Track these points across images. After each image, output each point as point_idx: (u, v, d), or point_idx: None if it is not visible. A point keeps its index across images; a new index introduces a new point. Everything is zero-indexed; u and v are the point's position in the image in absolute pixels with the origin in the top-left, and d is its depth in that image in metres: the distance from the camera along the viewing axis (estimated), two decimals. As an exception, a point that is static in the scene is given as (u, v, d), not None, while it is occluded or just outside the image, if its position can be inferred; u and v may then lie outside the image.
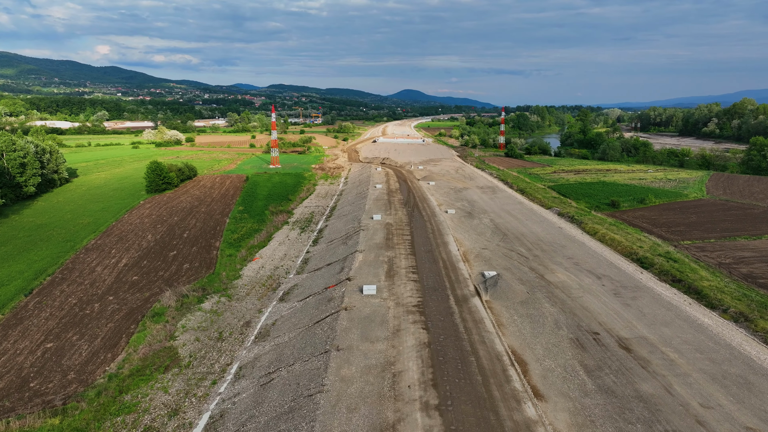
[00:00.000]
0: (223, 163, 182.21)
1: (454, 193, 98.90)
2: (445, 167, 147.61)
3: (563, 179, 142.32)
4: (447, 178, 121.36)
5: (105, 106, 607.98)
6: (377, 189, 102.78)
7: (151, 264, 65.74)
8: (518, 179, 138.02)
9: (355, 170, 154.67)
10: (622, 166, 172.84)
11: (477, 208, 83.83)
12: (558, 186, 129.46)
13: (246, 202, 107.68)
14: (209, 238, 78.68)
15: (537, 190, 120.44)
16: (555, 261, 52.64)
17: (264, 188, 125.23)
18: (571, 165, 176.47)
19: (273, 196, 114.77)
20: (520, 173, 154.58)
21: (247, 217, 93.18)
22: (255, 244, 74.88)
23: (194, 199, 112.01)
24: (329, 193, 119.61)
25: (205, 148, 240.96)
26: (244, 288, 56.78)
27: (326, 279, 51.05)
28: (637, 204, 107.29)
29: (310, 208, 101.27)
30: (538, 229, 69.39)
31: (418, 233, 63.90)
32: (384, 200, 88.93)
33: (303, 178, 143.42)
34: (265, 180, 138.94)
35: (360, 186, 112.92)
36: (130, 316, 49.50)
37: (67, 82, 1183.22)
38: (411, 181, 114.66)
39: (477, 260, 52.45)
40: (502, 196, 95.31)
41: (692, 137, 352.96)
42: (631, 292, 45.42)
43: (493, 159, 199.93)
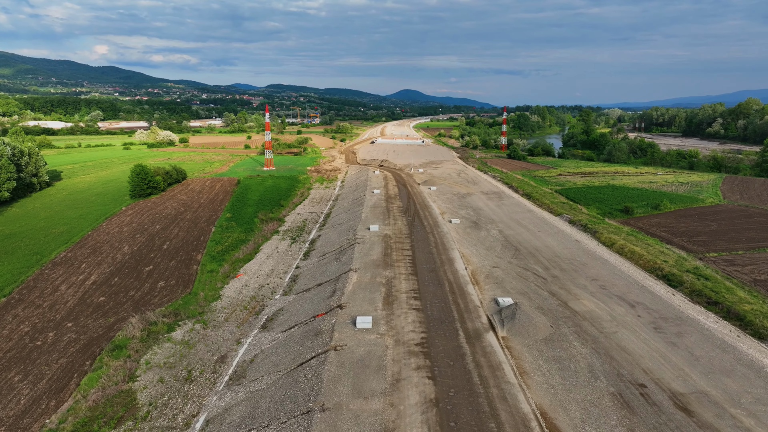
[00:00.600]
0: (216, 165, 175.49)
1: (457, 199, 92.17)
2: (446, 170, 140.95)
3: (570, 182, 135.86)
4: (449, 182, 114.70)
5: (100, 106, 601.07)
6: (375, 195, 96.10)
7: (122, 281, 58.99)
8: (523, 183, 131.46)
9: (352, 173, 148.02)
10: (630, 168, 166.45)
11: (483, 216, 77.04)
12: (565, 190, 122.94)
13: (235, 208, 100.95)
14: (191, 250, 71.94)
15: (544, 194, 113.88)
16: (577, 283, 45.93)
17: (255, 193, 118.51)
18: (576, 167, 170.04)
19: (264, 201, 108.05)
20: (525, 176, 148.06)
21: (235, 225, 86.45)
22: (240, 257, 68.15)
23: (180, 204, 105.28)
24: (324, 198, 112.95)
25: (199, 149, 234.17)
26: (224, 312, 50.08)
27: (315, 304, 44.46)
28: (651, 210, 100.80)
29: (303, 215, 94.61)
30: (553, 242, 62.64)
31: (419, 247, 57.28)
32: (382, 207, 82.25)
33: (297, 182, 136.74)
34: (257, 184, 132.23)
35: (357, 191, 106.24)
36: (88, 348, 42.79)
37: (64, 82, 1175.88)
38: (411, 185, 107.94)
39: (488, 282, 45.85)
40: (510, 203, 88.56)
41: (696, 138, 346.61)
42: (673, 326, 38.49)
43: (495, 161, 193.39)
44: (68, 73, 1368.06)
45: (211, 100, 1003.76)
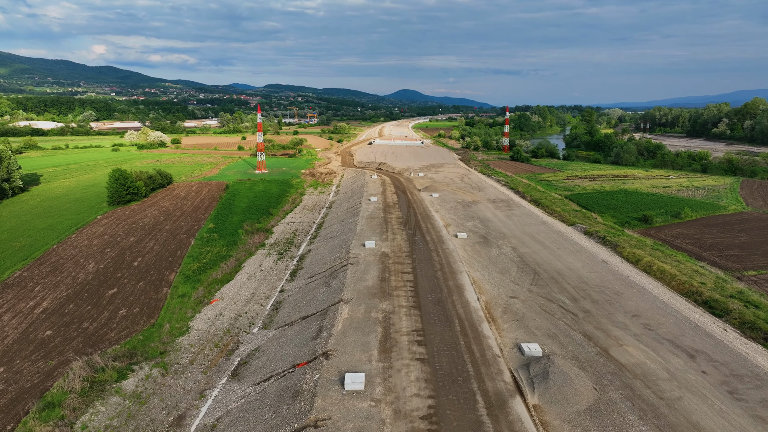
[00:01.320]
0: (205, 168, 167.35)
1: (462, 208, 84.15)
2: (448, 174, 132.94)
3: (579, 187, 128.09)
4: (452, 188, 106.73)
5: (95, 105, 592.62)
6: (372, 203, 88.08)
7: (78, 309, 50.96)
8: (530, 188, 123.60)
9: (348, 177, 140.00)
10: (640, 171, 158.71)
11: (493, 229, 68.96)
12: (576, 196, 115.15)
13: (220, 217, 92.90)
14: (164, 269, 63.88)
15: (554, 201, 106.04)
16: (616, 321, 37.77)
17: (244, 199, 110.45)
18: (583, 170, 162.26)
19: (252, 208, 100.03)
20: (531, 180, 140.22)
21: (217, 237, 78.40)
22: (218, 277, 60.12)
23: (161, 212, 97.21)
24: (317, 204, 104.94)
25: (190, 151, 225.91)
26: (190, 350, 42.10)
27: (297, 347, 36.60)
28: (671, 219, 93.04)
29: (294, 224, 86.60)
30: (576, 263, 54.61)
31: (422, 270, 49.37)
32: (379, 218, 74.29)
33: (290, 186, 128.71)
34: (247, 189, 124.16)
35: (352, 197, 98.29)
36: (15, 403, 34.80)
37: (61, 82, 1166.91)
38: (411, 192, 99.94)
39: (507, 318, 37.94)
40: (520, 213, 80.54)
41: (701, 138, 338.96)
42: (753, 388, 29.55)
43: (498, 163, 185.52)
44: (65, 73, 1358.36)
45: (208, 100, 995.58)
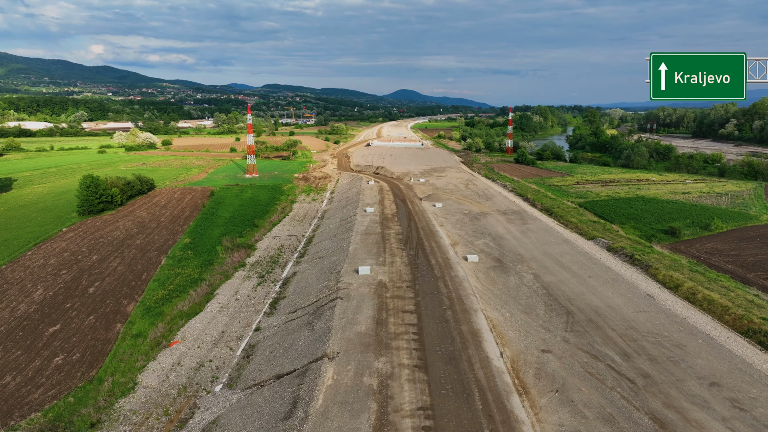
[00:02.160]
0: (193, 172, 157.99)
1: (470, 221, 74.59)
2: (451, 180, 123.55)
3: (592, 193, 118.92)
4: (456, 196, 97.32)
5: (89, 105, 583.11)
6: (368, 214, 78.66)
7: (4, 356, 41.54)
8: (540, 195, 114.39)
9: (343, 182, 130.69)
10: (653, 175, 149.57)
11: (508, 250, 59.12)
12: (590, 204, 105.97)
13: (199, 229, 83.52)
14: (123, 297, 54.51)
15: (568, 210, 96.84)
16: (689, 392, 27.53)
17: (229, 207, 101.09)
18: (593, 174, 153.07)
19: (237, 219, 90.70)
20: (539, 186, 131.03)
21: (192, 255, 69.02)
22: (185, 309, 50.76)
23: (136, 224, 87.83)
24: (308, 214, 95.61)
25: (180, 153, 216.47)
26: (130, 421, 32.75)
27: (264, 420, 27.37)
28: (701, 231, 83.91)
29: (280, 239, 77.27)
30: (615, 296, 44.36)
31: (428, 308, 39.92)
32: (376, 235, 64.90)
33: (280, 193, 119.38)
34: (233, 195, 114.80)
35: (347, 207, 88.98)
36: None
37: (57, 82, 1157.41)
38: (411, 201, 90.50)
39: (542, 387, 28.30)
40: (536, 228, 71.03)
41: (708, 139, 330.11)
42: None
43: (503, 166, 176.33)
44: (62, 73, 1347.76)
45: (205, 100, 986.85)
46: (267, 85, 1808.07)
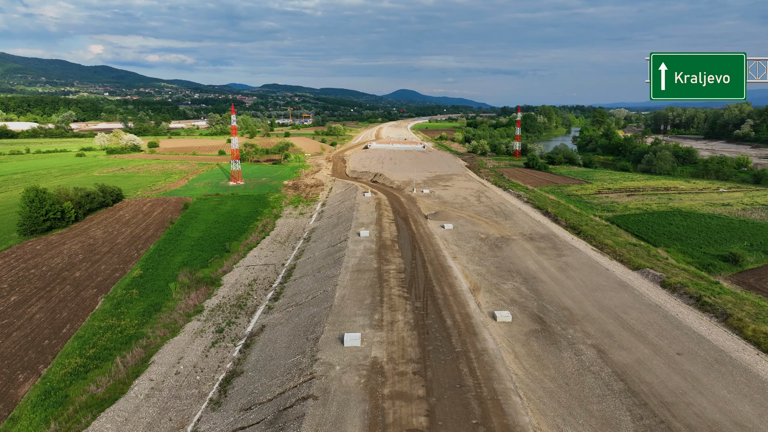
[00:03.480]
0: (173, 179, 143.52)
1: (490, 251, 59.66)
2: (459, 190, 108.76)
3: (618, 205, 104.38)
4: (468, 212, 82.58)
5: (81, 105, 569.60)
6: (362, 240, 63.94)
7: None
8: (562, 208, 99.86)
9: (337, 192, 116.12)
10: (680, 182, 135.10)
11: (549, 299, 43.47)
12: (620, 219, 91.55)
13: (157, 256, 68.96)
14: (21, 368, 39.95)
15: (598, 228, 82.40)
16: None
17: (201, 225, 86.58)
18: (614, 181, 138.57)
19: (206, 241, 76.22)
20: (558, 196, 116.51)
21: (137, 296, 54.47)
22: (99, 393, 36.18)
23: (85, 247, 73.32)
24: (293, 233, 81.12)
25: (164, 156, 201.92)
26: None
27: None
28: (765, 257, 69.43)
29: (254, 270, 62.75)
30: (740, 400, 26.81)
31: (447, 418, 25.54)
32: (370, 273, 50.35)
33: (264, 205, 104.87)
34: (210, 208, 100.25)
35: (337, 227, 74.40)
36: None
37: (54, 82, 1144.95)
38: (415, 220, 75.75)
39: None
40: (577, 263, 55.61)
41: (721, 140, 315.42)
42: None
43: (512, 171, 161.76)
44: (59, 73, 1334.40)
45: (203, 100, 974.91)
46: (266, 85, 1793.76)
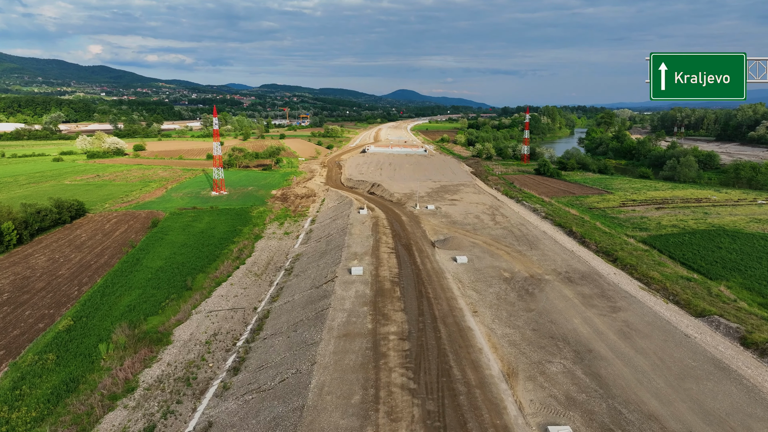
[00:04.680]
0: (151, 187, 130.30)
1: (520, 301, 45.61)
2: (470, 206, 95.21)
3: (650, 222, 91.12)
4: (484, 237, 68.87)
5: (73, 106, 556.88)
6: (353, 281, 50.47)
7: None
8: (587, 226, 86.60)
9: (329, 206, 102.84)
10: (710, 192, 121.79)
11: (624, 401, 26.55)
12: (658, 240, 78.37)
13: (101, 296, 55.65)
14: None
15: (637, 255, 69.17)
16: None
17: (166, 249, 73.33)
18: (636, 190, 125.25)
19: (167, 272, 62.98)
20: (578, 209, 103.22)
21: (52, 364, 41.21)
22: None
23: (17, 281, 60.12)
24: (273, 261, 67.90)
25: (147, 161, 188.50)
26: None
27: None
28: None
29: (217, 318, 49.51)
30: None
31: None
32: (363, 338, 37.08)
33: (246, 221, 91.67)
34: (182, 226, 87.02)
35: (325, 258, 61.09)
36: None
37: (51, 82, 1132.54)
38: (420, 248, 62.20)
39: None
40: (640, 321, 40.66)
41: (735, 143, 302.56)
42: None
43: (522, 179, 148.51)
44: (56, 73, 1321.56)
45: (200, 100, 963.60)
46: (265, 85, 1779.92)
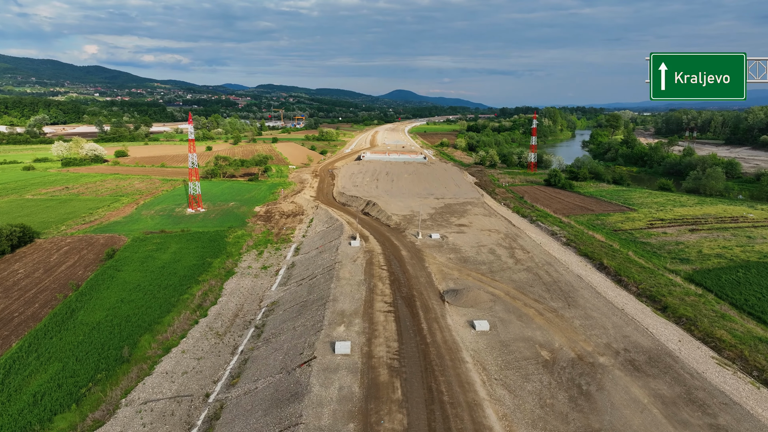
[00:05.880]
0: (121, 203, 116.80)
1: (568, 401, 32.08)
2: (482, 234, 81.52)
3: (689, 250, 78.10)
4: (506, 285, 55.23)
5: (62, 107, 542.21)
6: (337, 367, 36.89)
7: None
8: (618, 256, 73.48)
9: (317, 230, 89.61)
10: (744, 208, 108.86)
11: None
12: (707, 277, 65.48)
13: (3, 375, 42.28)
14: None
15: (691, 303, 56.23)
16: None
17: (113, 293, 59.94)
18: (661, 206, 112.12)
19: (104, 332, 49.66)
20: (601, 231, 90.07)
21: None
22: None
23: None
24: (243, 311, 54.65)
25: (126, 170, 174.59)
26: None
27: None
28: None
29: (153, 412, 36.56)
30: None
31: None
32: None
33: (219, 250, 78.37)
34: (143, 257, 73.63)
35: (304, 315, 47.87)
36: None
37: (44, 82, 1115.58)
38: (426, 307, 48.58)
39: None
40: None
41: (746, 147, 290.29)
42: None
43: (532, 191, 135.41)
44: (50, 73, 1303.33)
45: (195, 101, 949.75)
46: (261, 86, 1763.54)
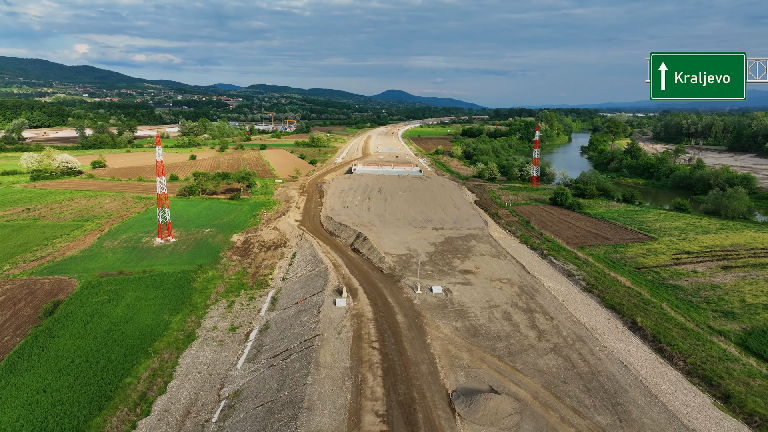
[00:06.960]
0: (83, 230, 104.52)
1: None
2: (492, 287, 69.37)
3: (729, 297, 67.31)
4: (533, 383, 40.03)
5: (45, 110, 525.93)
6: None
7: None
8: (651, 311, 62.27)
9: (299, 275, 77.93)
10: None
11: None
12: (761, 340, 54.48)
13: None
14: None
15: (757, 390, 45.03)
16: None
17: (40, 375, 48.04)
18: (680, 232, 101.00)
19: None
20: (619, 269, 78.84)
21: None
22: None
23: None
24: (194, 406, 43.16)
25: (99, 184, 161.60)
26: None
27: None
28: None
29: None
30: None
31: None
32: None
33: (182, 301, 66.38)
34: (91, 312, 61.58)
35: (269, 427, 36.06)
36: None
37: (32, 82, 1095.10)
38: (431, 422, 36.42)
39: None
40: None
41: (750, 154, 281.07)
42: None
43: (537, 212, 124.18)
44: (38, 73, 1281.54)
45: (185, 102, 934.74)
46: (253, 86, 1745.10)
